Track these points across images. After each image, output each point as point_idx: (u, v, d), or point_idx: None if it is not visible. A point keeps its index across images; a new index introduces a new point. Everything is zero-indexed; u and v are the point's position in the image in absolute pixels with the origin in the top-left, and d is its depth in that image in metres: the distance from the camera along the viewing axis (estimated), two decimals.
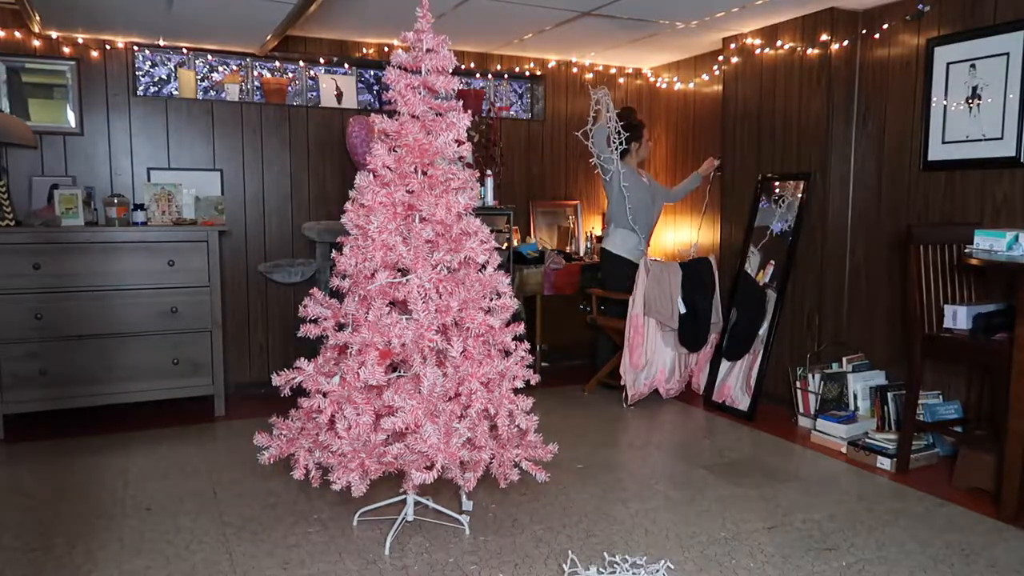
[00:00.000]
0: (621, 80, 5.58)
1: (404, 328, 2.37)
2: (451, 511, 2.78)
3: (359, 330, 2.39)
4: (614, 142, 4.52)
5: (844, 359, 3.94)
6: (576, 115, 5.48)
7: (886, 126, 3.90)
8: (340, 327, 2.55)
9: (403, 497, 2.71)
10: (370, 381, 2.34)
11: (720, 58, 4.76)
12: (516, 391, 2.53)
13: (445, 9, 3.97)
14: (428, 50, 2.49)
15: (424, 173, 2.52)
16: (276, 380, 2.51)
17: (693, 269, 4.37)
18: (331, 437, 2.43)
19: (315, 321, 2.56)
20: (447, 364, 2.45)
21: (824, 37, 3.98)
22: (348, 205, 2.51)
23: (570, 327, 5.27)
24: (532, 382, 2.58)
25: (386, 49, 4.82)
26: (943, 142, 3.61)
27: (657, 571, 2.37)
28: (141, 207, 4.07)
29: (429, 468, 2.35)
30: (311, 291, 2.59)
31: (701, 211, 5.16)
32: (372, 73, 5.03)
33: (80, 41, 4.21)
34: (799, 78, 4.15)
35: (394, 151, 2.51)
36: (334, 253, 2.58)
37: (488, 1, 3.88)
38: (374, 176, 2.50)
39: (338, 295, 2.58)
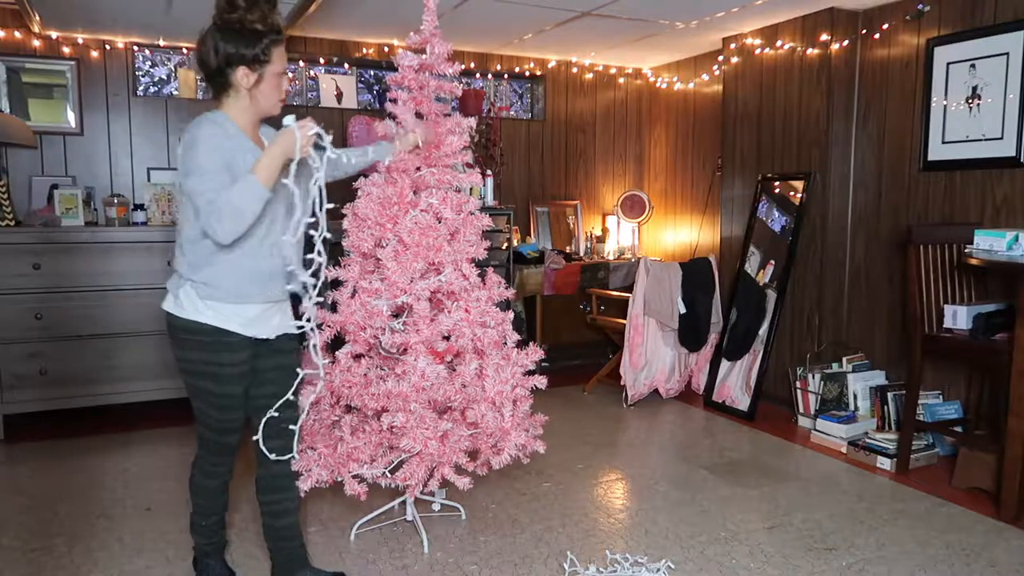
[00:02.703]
0: (621, 80, 5.58)
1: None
2: (451, 511, 2.78)
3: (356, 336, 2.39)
4: None
5: (844, 359, 3.94)
6: (576, 115, 5.48)
7: (886, 126, 3.90)
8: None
9: (403, 498, 2.71)
10: (375, 384, 2.34)
11: (720, 58, 4.76)
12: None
13: (445, 9, 3.97)
14: (433, 53, 2.49)
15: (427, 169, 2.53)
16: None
17: (693, 269, 4.37)
18: (332, 439, 2.43)
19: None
20: (454, 380, 2.40)
21: (824, 37, 3.98)
22: (345, 208, 2.54)
23: (570, 327, 5.27)
24: (541, 386, 2.52)
25: (386, 49, 4.81)
26: (943, 142, 3.60)
27: (657, 570, 2.37)
28: (141, 207, 4.06)
29: (430, 471, 2.35)
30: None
31: (702, 211, 5.16)
32: (372, 73, 5.02)
33: (80, 41, 4.21)
34: (799, 78, 4.15)
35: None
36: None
37: (488, 1, 3.88)
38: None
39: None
